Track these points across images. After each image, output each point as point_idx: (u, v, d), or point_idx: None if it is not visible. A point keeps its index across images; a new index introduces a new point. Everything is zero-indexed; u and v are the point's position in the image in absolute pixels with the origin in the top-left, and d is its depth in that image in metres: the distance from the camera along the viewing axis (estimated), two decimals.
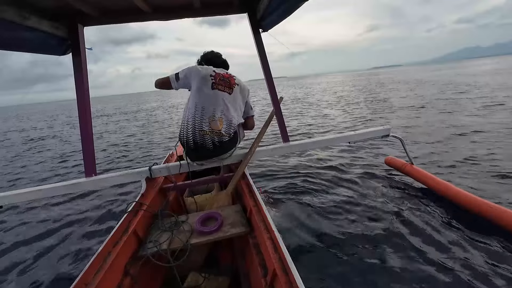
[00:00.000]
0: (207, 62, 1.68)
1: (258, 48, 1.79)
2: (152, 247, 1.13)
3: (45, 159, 5.10)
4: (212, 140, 1.48)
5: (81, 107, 1.61)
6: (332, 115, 6.80)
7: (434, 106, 6.39)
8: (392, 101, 8.16)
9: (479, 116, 4.72)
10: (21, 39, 1.30)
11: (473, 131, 3.79)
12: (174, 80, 1.55)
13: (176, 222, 1.30)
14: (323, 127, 5.47)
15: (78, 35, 1.54)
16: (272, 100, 1.88)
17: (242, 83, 1.64)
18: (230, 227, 1.20)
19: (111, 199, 2.66)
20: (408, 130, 4.32)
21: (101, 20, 1.57)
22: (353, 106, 8.05)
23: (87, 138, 1.63)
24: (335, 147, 3.56)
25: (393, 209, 1.91)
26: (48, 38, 1.42)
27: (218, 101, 1.48)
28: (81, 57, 1.56)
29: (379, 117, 5.81)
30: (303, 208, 2.06)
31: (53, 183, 1.63)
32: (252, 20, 1.73)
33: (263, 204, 1.18)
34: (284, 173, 2.87)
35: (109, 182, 1.64)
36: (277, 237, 0.92)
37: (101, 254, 0.98)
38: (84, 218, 2.32)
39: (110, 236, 1.07)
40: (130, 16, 1.59)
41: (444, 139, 3.54)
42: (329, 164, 3.00)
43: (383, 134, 2.03)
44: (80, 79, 1.57)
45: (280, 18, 1.52)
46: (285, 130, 1.91)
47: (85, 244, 1.91)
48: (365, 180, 2.46)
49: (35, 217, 2.45)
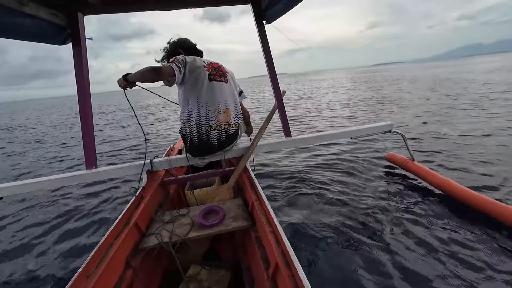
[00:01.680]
0: (190, 52, 1.51)
1: (262, 41, 1.76)
2: (154, 239, 1.13)
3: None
4: (218, 135, 1.45)
5: (81, 98, 1.58)
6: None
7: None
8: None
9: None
10: (19, 26, 1.26)
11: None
12: (178, 73, 1.29)
13: (177, 215, 1.29)
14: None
15: (78, 24, 1.50)
16: (274, 94, 1.86)
17: (229, 69, 1.59)
18: (232, 220, 1.20)
19: (112, 192, 2.66)
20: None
21: (101, 8, 1.53)
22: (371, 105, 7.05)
23: (88, 130, 1.62)
24: (337, 142, 3.55)
25: (394, 205, 1.91)
26: (47, 26, 1.38)
27: (220, 92, 1.45)
28: (81, 47, 1.53)
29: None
30: (305, 203, 2.06)
31: (54, 175, 1.62)
32: (256, 10, 1.69)
33: (265, 198, 1.17)
34: (286, 168, 2.87)
35: (109, 175, 1.63)
36: (279, 230, 0.91)
37: (103, 246, 0.98)
38: (85, 210, 2.33)
39: (111, 228, 1.07)
40: (131, 5, 1.55)
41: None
42: (330, 160, 3.00)
43: (385, 130, 2.02)
44: (80, 70, 1.54)
45: (286, 9, 1.47)
46: (287, 125, 1.90)
47: (86, 236, 1.91)
48: (366, 176, 2.46)
49: (35, 209, 2.45)
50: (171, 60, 1.31)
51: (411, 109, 5.97)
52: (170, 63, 1.28)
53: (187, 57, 1.37)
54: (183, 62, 1.33)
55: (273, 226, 0.98)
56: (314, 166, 2.85)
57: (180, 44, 1.51)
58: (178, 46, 1.50)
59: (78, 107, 1.60)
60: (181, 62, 1.32)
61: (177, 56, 1.34)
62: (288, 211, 1.96)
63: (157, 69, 1.19)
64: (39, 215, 2.33)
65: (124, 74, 1.23)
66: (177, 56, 1.34)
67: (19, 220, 2.27)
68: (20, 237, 1.98)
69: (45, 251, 1.78)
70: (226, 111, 1.46)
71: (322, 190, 2.26)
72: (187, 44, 1.52)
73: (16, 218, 2.30)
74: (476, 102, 5.85)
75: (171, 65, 1.26)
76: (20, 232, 2.07)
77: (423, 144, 3.29)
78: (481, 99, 6.18)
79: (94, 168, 1.65)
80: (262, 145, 1.74)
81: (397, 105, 6.69)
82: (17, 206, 2.52)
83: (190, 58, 1.38)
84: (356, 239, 1.57)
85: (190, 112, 1.41)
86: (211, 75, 1.42)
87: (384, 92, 9.85)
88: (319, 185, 2.37)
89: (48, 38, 1.45)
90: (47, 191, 2.73)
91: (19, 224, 2.19)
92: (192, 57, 1.40)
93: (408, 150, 2.20)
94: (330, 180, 2.44)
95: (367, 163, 2.79)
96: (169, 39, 1.52)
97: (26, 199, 2.66)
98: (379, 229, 1.65)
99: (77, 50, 1.53)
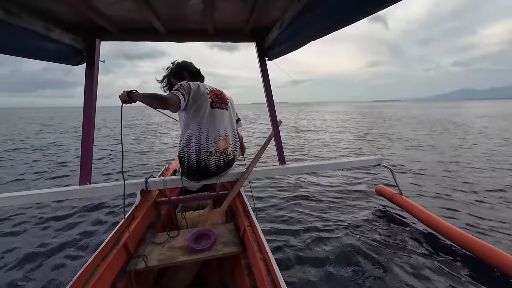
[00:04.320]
0: (193, 76, 1.58)
1: (263, 75, 1.91)
2: (142, 262, 1.11)
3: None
4: (216, 161, 1.48)
5: (86, 116, 1.64)
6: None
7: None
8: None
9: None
10: (44, 49, 1.37)
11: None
12: (182, 100, 1.31)
13: (168, 237, 1.29)
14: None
15: (95, 48, 1.62)
16: (272, 123, 1.96)
17: (229, 96, 1.63)
18: (223, 246, 1.20)
19: (104, 208, 2.60)
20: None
21: (118, 36, 1.66)
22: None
23: (87, 146, 1.65)
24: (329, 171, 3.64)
25: (381, 238, 1.95)
26: (66, 49, 1.49)
27: (221, 119, 1.51)
28: (94, 69, 1.63)
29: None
30: (296, 231, 2.07)
31: (45, 189, 1.59)
32: (259, 48, 1.86)
33: (257, 224, 1.19)
34: (279, 194, 2.90)
35: (103, 192, 1.62)
36: (270, 258, 0.93)
37: (89, 267, 0.96)
38: (75, 226, 2.26)
39: (100, 248, 1.06)
40: (146, 35, 1.69)
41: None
42: (323, 188, 3.06)
43: (375, 163, 2.12)
44: (90, 90, 1.63)
45: (288, 50, 1.61)
46: (282, 153, 1.97)
47: (74, 254, 1.84)
48: (356, 208, 2.52)
49: (23, 223, 2.35)
50: (177, 87, 1.34)
51: (413, 145, 6.17)
52: (176, 91, 1.31)
53: (191, 84, 1.42)
54: (188, 89, 1.38)
55: (264, 253, 0.99)
56: (307, 193, 2.89)
57: (185, 66, 1.57)
58: (182, 68, 1.57)
59: (82, 124, 1.65)
60: (186, 89, 1.36)
61: (182, 83, 1.39)
62: (278, 238, 1.96)
63: (164, 100, 1.22)
64: (26, 229, 2.22)
65: (128, 90, 1.24)
66: (182, 83, 1.39)
67: (2, 234, 2.16)
68: (2, 253, 1.88)
69: (28, 269, 1.70)
70: (225, 137, 1.51)
71: (313, 218, 2.29)
72: (192, 68, 1.59)
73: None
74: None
75: (177, 94, 1.29)
76: (2, 247, 1.96)
77: (420, 181, 3.40)
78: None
79: (88, 184, 1.64)
80: (257, 171, 1.79)
81: (400, 143, 6.57)
82: (2, 220, 2.40)
83: (195, 85, 1.43)
84: (345, 269, 1.58)
85: (190, 137, 1.44)
86: (213, 102, 1.48)
87: (389, 131, 9.09)
88: (310, 212, 2.40)
89: (66, 59, 1.56)
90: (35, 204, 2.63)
91: (2, 239, 2.08)
92: (197, 84, 1.45)
93: (396, 184, 2.29)
94: (322, 209, 2.48)
95: (357, 194, 2.86)
96: (174, 60, 1.60)
97: (13, 211, 2.54)
98: (367, 261, 1.67)
99: (90, 72, 1.63)
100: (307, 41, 1.36)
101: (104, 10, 1.36)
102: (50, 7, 1.28)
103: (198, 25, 1.64)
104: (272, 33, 1.65)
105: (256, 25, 1.69)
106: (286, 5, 1.39)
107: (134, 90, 1.25)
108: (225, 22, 1.64)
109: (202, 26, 1.66)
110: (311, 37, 1.29)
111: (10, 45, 1.24)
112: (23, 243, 2.02)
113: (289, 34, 1.45)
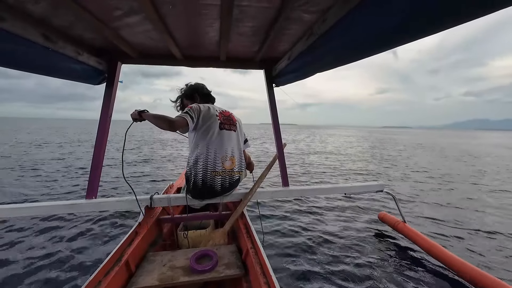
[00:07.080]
0: (204, 98, 1.66)
1: (270, 100, 2.02)
2: (142, 281, 1.10)
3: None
4: (222, 181, 1.51)
5: (100, 132, 1.72)
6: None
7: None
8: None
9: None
10: (71, 70, 1.50)
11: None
12: (191, 123, 1.39)
13: (170, 256, 1.28)
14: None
15: (116, 70, 1.75)
16: (276, 146, 2.02)
17: (238, 117, 1.69)
18: (225, 267, 1.19)
19: (109, 223, 2.59)
20: None
21: (138, 60, 1.81)
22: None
23: (98, 161, 1.70)
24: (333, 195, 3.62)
25: (383, 265, 1.92)
26: (90, 70, 1.62)
27: (229, 141, 1.56)
28: (113, 88, 1.75)
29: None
30: (298, 257, 2.05)
31: (51, 201, 1.62)
32: (267, 76, 1.99)
33: (261, 246, 1.19)
34: (282, 215, 2.89)
35: (108, 207, 1.63)
36: (274, 282, 0.92)
37: (91, 284, 0.97)
38: (78, 241, 2.24)
39: (102, 265, 1.07)
40: (164, 60, 1.83)
41: None
42: (326, 211, 3.05)
43: (377, 189, 2.13)
44: (107, 108, 1.73)
45: (295, 79, 1.71)
46: (286, 175, 2.00)
47: (76, 270, 1.82)
48: (358, 234, 2.47)
49: (26, 235, 2.33)
50: (186, 110, 1.42)
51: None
52: (185, 114, 1.38)
53: (201, 106, 1.50)
54: (197, 111, 1.45)
55: (267, 277, 0.99)
56: (310, 216, 2.88)
57: (197, 89, 1.65)
58: (194, 90, 1.65)
59: (95, 139, 1.72)
60: (195, 111, 1.44)
61: (193, 105, 1.47)
62: (280, 262, 1.93)
63: (171, 122, 1.27)
64: (28, 242, 2.21)
65: (139, 109, 1.32)
66: (192, 105, 1.47)
67: (4, 246, 2.14)
68: (4, 264, 1.86)
69: (29, 282, 1.67)
70: (232, 158, 1.56)
71: (317, 242, 2.28)
72: (204, 90, 1.67)
73: (2, 244, 2.15)
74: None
75: (185, 117, 1.36)
76: (5, 259, 1.94)
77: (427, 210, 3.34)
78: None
79: (93, 198, 1.67)
80: (260, 192, 1.81)
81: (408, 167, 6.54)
82: (6, 231, 2.38)
83: (205, 107, 1.50)
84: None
85: (198, 156, 1.48)
86: (222, 123, 1.54)
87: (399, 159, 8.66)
88: (313, 235, 2.39)
89: (88, 79, 1.68)
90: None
91: (5, 251, 2.06)
92: (207, 106, 1.52)
93: (399, 211, 2.27)
94: (324, 233, 2.45)
95: (360, 221, 2.82)
96: (188, 82, 1.72)
97: (17, 223, 2.52)
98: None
99: (109, 91, 1.74)
100: (315, 72, 1.45)
101: (129, 37, 1.50)
102: (81, 34, 1.43)
103: (212, 53, 1.79)
104: (281, 63, 1.77)
105: (266, 55, 1.83)
106: (295, 40, 1.52)
107: (145, 110, 1.32)
108: (237, 52, 1.78)
109: (215, 54, 1.81)
110: (319, 69, 1.38)
111: (46, 66, 1.37)
112: (25, 253, 2.00)
113: (297, 66, 1.56)
